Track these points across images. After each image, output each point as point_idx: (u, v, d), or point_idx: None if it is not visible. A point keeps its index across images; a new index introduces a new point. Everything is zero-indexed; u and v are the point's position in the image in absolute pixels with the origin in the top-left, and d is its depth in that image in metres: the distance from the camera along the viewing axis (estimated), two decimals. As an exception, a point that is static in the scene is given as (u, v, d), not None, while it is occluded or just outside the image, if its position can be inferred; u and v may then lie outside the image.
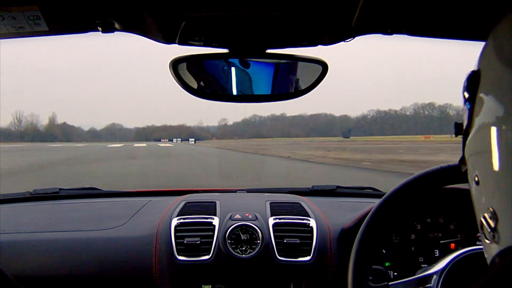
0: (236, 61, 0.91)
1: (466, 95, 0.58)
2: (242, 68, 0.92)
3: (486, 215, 0.53)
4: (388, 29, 0.80)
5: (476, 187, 0.56)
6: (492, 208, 0.52)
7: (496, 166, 0.51)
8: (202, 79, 0.93)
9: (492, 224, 0.51)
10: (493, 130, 0.51)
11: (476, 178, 0.56)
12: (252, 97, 0.94)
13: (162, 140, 79.98)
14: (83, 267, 1.31)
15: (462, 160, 0.63)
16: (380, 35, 0.82)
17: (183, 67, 0.91)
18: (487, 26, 0.57)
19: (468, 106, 0.57)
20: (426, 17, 0.76)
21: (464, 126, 0.60)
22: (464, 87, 0.58)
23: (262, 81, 0.93)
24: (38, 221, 1.49)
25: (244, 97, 0.94)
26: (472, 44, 0.81)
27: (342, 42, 0.89)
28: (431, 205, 1.36)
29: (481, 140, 0.54)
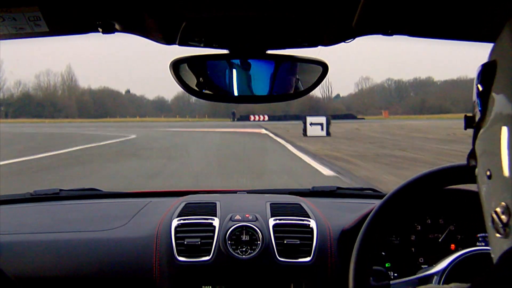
0: (236, 62, 0.92)
1: (480, 87, 0.57)
2: (242, 68, 0.92)
3: (498, 210, 0.53)
4: (388, 30, 0.80)
5: (488, 181, 0.56)
6: (505, 203, 0.51)
7: (509, 165, 0.50)
8: (202, 80, 0.93)
9: (504, 219, 0.51)
10: (506, 128, 0.51)
11: (488, 173, 0.55)
12: (253, 98, 0.94)
13: (252, 118, 49.45)
14: (84, 268, 1.31)
15: (471, 154, 0.62)
16: (380, 35, 0.83)
17: (183, 68, 0.91)
18: (487, 27, 0.57)
19: (480, 100, 0.57)
20: (427, 18, 0.76)
21: (477, 120, 0.59)
22: (477, 79, 0.58)
23: (262, 81, 0.93)
24: (38, 222, 1.49)
25: (245, 97, 0.94)
26: (473, 45, 0.81)
27: (343, 43, 0.89)
28: (432, 206, 1.36)
29: (494, 136, 0.54)
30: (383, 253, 1.34)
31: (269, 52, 0.91)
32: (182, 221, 1.37)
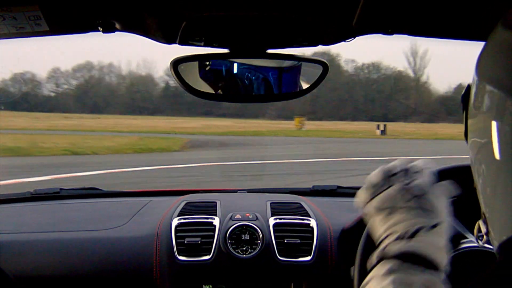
0: (236, 61, 0.92)
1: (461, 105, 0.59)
2: (242, 68, 0.92)
3: (480, 221, 0.56)
4: (388, 29, 0.80)
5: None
6: (484, 214, 0.54)
7: (480, 176, 0.53)
8: (203, 79, 0.93)
9: (483, 229, 0.55)
10: (476, 144, 0.54)
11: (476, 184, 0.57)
12: (253, 97, 0.94)
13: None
14: (84, 267, 1.31)
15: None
16: (380, 35, 0.83)
17: (184, 67, 0.91)
18: (487, 26, 0.57)
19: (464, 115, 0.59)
20: (426, 17, 0.76)
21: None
22: (461, 98, 0.60)
23: (262, 81, 0.93)
24: (38, 221, 1.49)
25: (245, 97, 0.94)
26: (472, 44, 0.81)
27: (343, 42, 0.89)
28: None
29: (472, 149, 0.56)
30: None
31: (269, 51, 0.91)
32: (182, 220, 1.37)
